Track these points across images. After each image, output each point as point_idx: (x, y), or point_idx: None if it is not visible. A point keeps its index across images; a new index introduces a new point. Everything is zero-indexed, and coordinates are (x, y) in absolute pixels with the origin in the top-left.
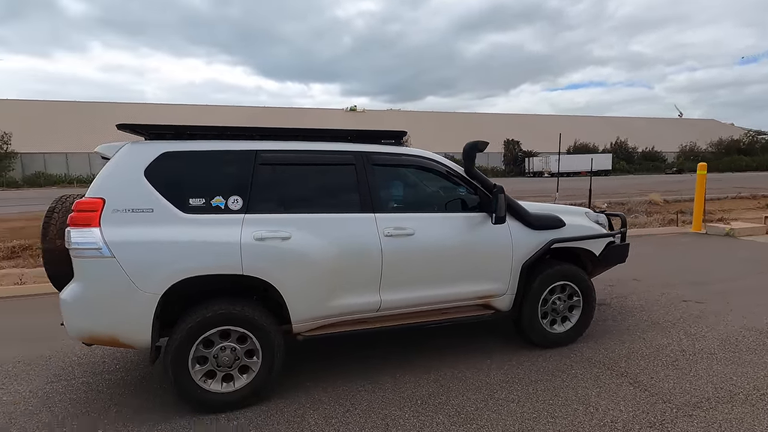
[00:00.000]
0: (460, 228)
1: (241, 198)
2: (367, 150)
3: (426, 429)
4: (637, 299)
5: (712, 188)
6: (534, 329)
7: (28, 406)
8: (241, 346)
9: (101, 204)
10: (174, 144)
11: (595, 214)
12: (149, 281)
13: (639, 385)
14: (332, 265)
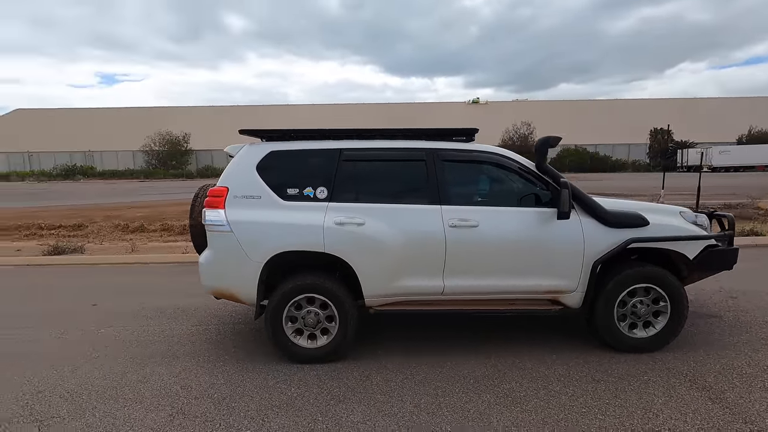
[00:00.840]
0: (527, 222)
1: (326, 189)
2: (437, 147)
3: (471, 404)
4: (763, 315)
5: None
6: (609, 331)
7: (179, 341)
8: (323, 312)
9: (226, 191)
10: (279, 144)
11: (693, 215)
12: (256, 252)
13: (721, 402)
14: (400, 250)
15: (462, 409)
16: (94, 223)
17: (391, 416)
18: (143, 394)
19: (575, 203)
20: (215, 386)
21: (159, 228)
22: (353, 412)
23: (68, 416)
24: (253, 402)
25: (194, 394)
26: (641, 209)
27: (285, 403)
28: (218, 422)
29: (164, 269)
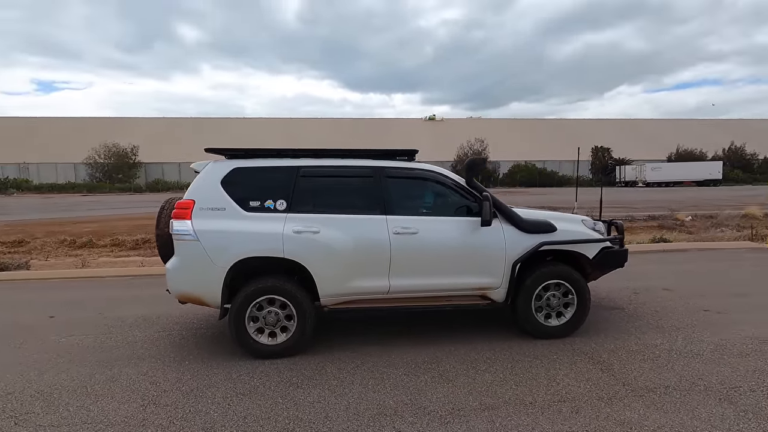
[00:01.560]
0: (459, 229)
1: (285, 201)
2: (383, 165)
3: (411, 383)
4: (656, 306)
5: None
6: (528, 321)
7: (143, 345)
8: (283, 312)
9: (192, 204)
10: (242, 162)
11: (593, 222)
12: (220, 258)
13: (608, 372)
14: (351, 255)
15: (403, 387)
16: (36, 239)
17: (342, 396)
18: (113, 390)
19: (498, 213)
20: (183, 381)
21: (109, 243)
22: (310, 395)
23: (42, 412)
24: (219, 391)
25: (163, 388)
26: (551, 218)
27: (249, 391)
28: (188, 408)
29: (121, 282)
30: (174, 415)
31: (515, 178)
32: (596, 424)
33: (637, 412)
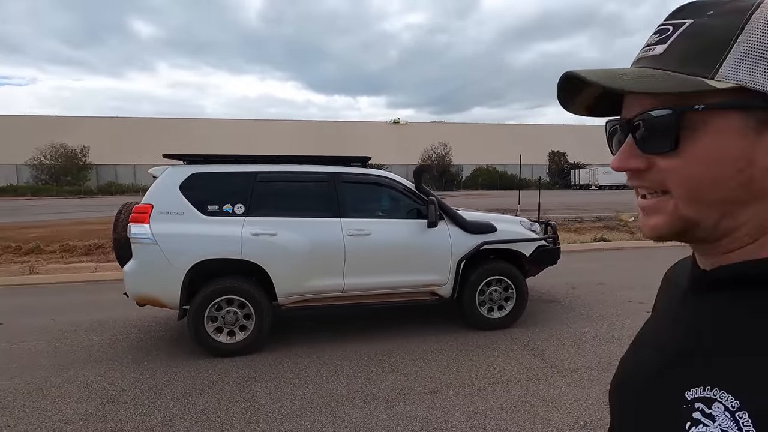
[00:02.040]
0: (409, 230)
1: (243, 205)
2: (337, 171)
3: (362, 374)
4: (589, 299)
5: None
6: (473, 314)
7: (100, 348)
8: (241, 311)
9: (150, 208)
10: (201, 167)
11: (530, 223)
12: (179, 261)
13: (540, 357)
14: (307, 256)
15: (355, 377)
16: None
17: (297, 387)
18: (70, 391)
19: (444, 215)
20: (142, 380)
21: (59, 249)
22: (266, 387)
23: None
24: (179, 387)
25: (122, 387)
26: (493, 219)
27: (207, 386)
28: (147, 405)
29: (74, 288)
30: (133, 411)
31: (477, 181)
32: (524, 400)
33: (559, 389)
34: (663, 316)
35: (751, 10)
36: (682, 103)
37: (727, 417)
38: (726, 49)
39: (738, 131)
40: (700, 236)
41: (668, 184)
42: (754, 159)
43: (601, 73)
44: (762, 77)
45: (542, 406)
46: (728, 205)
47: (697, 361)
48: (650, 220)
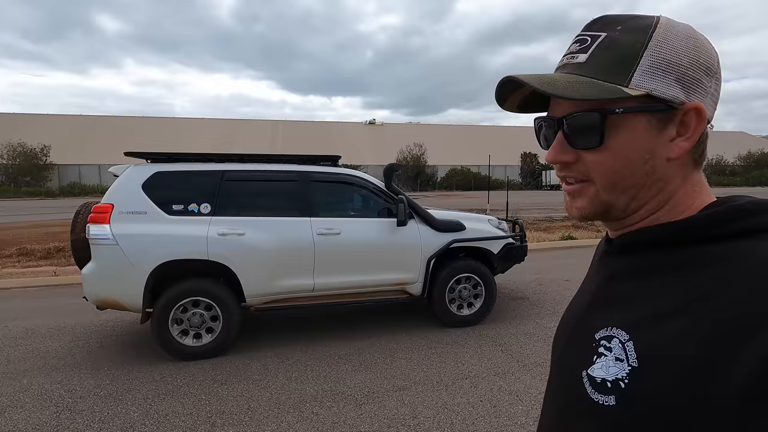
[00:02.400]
0: (379, 229)
1: (210, 204)
2: (307, 170)
3: (332, 372)
4: (556, 295)
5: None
6: (443, 311)
7: (57, 355)
8: (208, 313)
9: (111, 208)
10: (164, 165)
11: (497, 221)
12: (142, 262)
13: (507, 352)
14: (276, 255)
15: (324, 377)
16: None
17: (265, 389)
18: (23, 401)
19: (413, 214)
20: (101, 386)
21: (15, 253)
22: (234, 390)
23: None
24: (140, 393)
25: (79, 395)
26: (462, 218)
27: (171, 391)
28: (106, 412)
29: (31, 293)
30: (91, 419)
31: (452, 182)
32: (490, 395)
33: (525, 382)
34: (584, 282)
35: (651, 29)
36: (605, 106)
37: (620, 348)
38: (635, 62)
39: (646, 129)
40: (614, 215)
41: (592, 174)
42: (655, 151)
43: (538, 78)
44: (662, 85)
45: (508, 400)
46: (636, 190)
47: (601, 309)
48: (576, 203)
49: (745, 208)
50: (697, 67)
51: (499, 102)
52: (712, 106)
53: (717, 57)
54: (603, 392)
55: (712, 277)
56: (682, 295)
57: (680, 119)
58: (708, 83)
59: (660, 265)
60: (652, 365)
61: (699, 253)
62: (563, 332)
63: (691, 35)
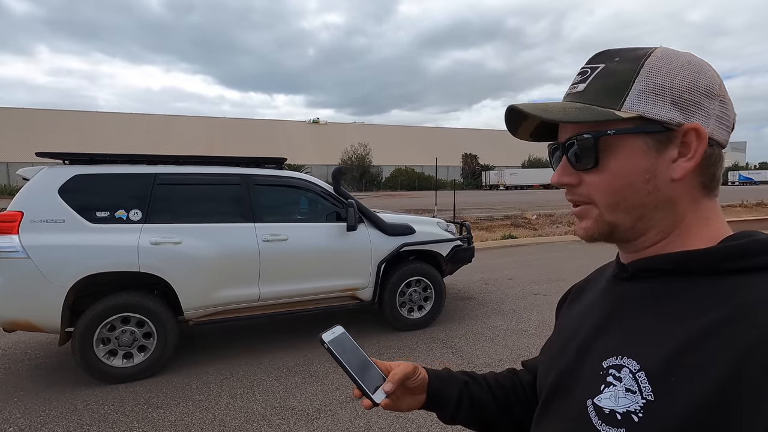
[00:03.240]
0: (328, 234)
1: (140, 211)
2: (250, 173)
3: (281, 388)
4: (500, 294)
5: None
6: (394, 316)
7: None
8: (140, 330)
9: (20, 216)
10: (86, 168)
11: (446, 224)
12: (59, 277)
13: (457, 353)
14: (217, 265)
15: (272, 392)
16: None
17: (207, 410)
18: None
19: (363, 218)
20: (11, 421)
21: None
22: (171, 414)
23: None
24: (60, 426)
25: None
26: (411, 221)
27: (98, 420)
28: None
29: None
30: None
31: (397, 182)
32: None
33: None
34: (590, 305)
35: (644, 58)
36: (598, 129)
37: (630, 377)
38: (628, 87)
39: (643, 150)
40: (622, 236)
41: (593, 195)
42: (657, 172)
43: (534, 106)
44: (655, 108)
45: None
46: (641, 210)
47: (610, 335)
48: (582, 224)
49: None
50: (694, 90)
51: (512, 132)
52: (721, 129)
53: (719, 81)
54: (612, 424)
55: (733, 311)
56: (701, 327)
57: (681, 140)
58: (709, 105)
59: (676, 294)
60: (670, 400)
61: (719, 285)
62: (562, 352)
63: (688, 61)
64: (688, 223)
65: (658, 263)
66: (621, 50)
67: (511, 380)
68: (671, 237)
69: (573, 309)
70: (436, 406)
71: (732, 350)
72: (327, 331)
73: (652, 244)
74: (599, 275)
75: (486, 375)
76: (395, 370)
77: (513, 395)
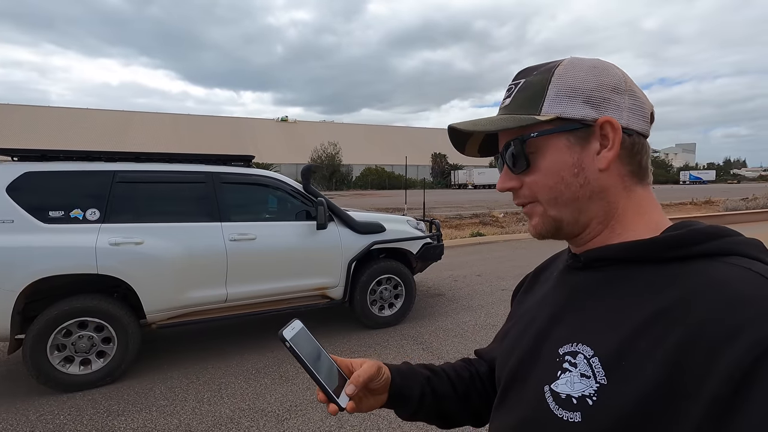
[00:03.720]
0: (298, 233)
1: (98, 210)
2: (217, 170)
3: (250, 389)
4: (469, 290)
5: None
6: (364, 314)
7: None
8: (99, 335)
9: None
10: (37, 165)
11: (416, 222)
12: (7, 280)
13: (427, 349)
14: (182, 265)
15: (241, 394)
16: None
17: (173, 415)
18: None
19: (333, 216)
20: None
21: None
22: (134, 421)
23: None
24: None
25: None
26: (381, 219)
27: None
28: None
29: None
30: None
31: (367, 181)
32: None
33: None
34: (545, 294)
35: (555, 67)
36: (523, 133)
37: (585, 363)
38: (543, 94)
39: (567, 147)
40: (568, 231)
41: (536, 194)
42: (584, 165)
43: (467, 123)
44: (570, 108)
45: None
46: (578, 203)
47: (565, 323)
48: (531, 222)
49: (705, 232)
50: (602, 89)
51: (460, 150)
52: (637, 119)
53: (623, 77)
54: (568, 408)
55: (676, 297)
56: (649, 312)
57: (599, 133)
58: (619, 100)
59: (626, 281)
60: (622, 383)
61: (664, 272)
62: (520, 341)
63: (594, 65)
64: (623, 210)
65: (610, 252)
66: (537, 65)
67: (468, 371)
68: (611, 226)
69: (527, 297)
70: (399, 404)
71: (675, 334)
72: (286, 327)
73: (596, 234)
74: (551, 264)
75: (444, 367)
76: (358, 371)
77: (471, 386)
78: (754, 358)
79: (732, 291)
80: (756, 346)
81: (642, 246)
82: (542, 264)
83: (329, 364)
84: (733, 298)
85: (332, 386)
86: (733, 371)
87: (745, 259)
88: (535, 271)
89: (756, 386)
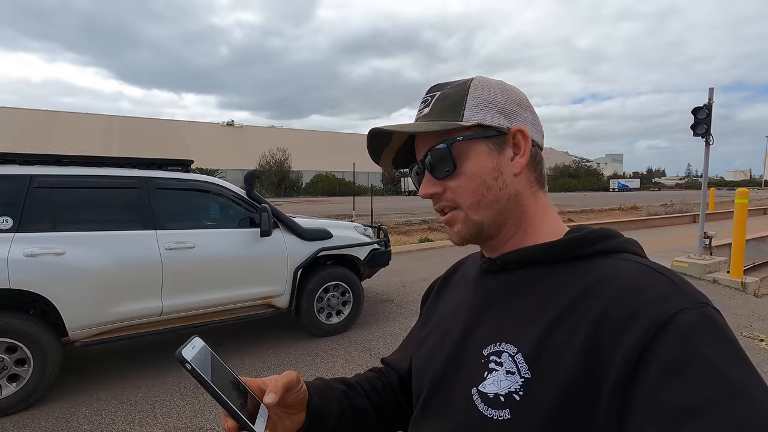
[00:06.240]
0: (240, 241)
1: (11, 218)
2: (151, 175)
3: (187, 407)
4: (417, 295)
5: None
6: (311, 322)
7: None
8: (11, 356)
9: None
10: None
11: (363, 228)
12: None
13: (376, 355)
14: (110, 277)
15: (177, 412)
16: None
17: None
18: None
19: (278, 223)
20: None
21: None
22: None
23: None
24: None
25: None
26: (328, 225)
27: None
28: None
29: None
30: None
31: (317, 188)
32: None
33: None
34: (461, 300)
35: (469, 82)
36: (449, 137)
37: (510, 360)
38: (463, 103)
39: (487, 152)
40: (488, 233)
41: (458, 200)
42: (502, 169)
43: (393, 126)
44: (488, 116)
45: None
46: (497, 205)
47: (486, 325)
48: (453, 230)
49: (600, 234)
50: (511, 102)
51: (375, 160)
52: (536, 133)
53: (524, 96)
54: (497, 407)
55: (584, 289)
56: (563, 305)
57: (512, 141)
58: (524, 114)
59: (540, 280)
60: (545, 374)
61: (571, 269)
62: (440, 347)
63: (501, 83)
64: (532, 213)
65: (526, 254)
66: (449, 82)
67: (381, 381)
68: (523, 228)
69: (440, 303)
70: (317, 424)
71: (586, 322)
72: (185, 346)
73: (511, 236)
74: (458, 269)
75: (358, 379)
76: (276, 377)
77: (385, 397)
78: (649, 338)
79: (629, 282)
80: (650, 328)
81: (555, 247)
82: (450, 269)
83: (239, 385)
84: (630, 288)
85: (245, 411)
86: (632, 351)
87: (634, 255)
88: (444, 277)
89: (651, 362)
